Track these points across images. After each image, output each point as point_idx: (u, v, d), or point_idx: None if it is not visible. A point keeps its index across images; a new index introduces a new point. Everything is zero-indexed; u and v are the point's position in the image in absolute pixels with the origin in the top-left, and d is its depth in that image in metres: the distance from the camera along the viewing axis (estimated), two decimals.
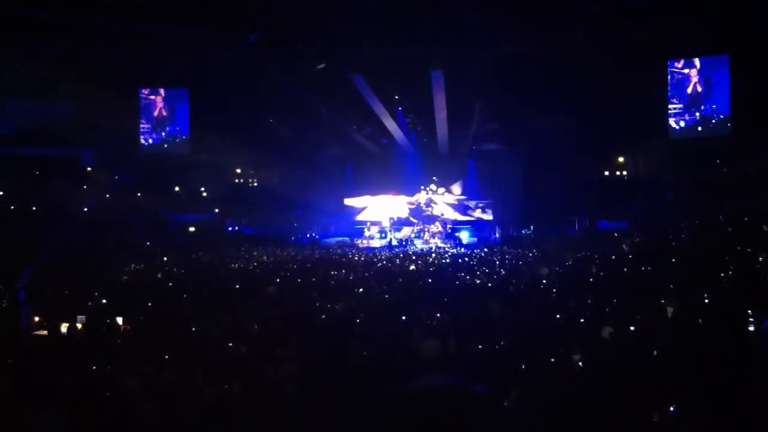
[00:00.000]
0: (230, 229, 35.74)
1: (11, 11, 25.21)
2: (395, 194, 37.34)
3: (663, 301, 10.17)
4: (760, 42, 23.89)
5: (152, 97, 36.17)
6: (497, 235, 33.19)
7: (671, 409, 6.13)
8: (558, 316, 10.76)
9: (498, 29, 26.27)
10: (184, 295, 15.05)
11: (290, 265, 22.31)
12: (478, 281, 16.96)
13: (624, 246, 20.39)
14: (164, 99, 36.07)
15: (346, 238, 34.62)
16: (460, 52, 27.97)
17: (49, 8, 25.57)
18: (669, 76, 29.45)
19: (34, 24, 26.18)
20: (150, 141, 36.43)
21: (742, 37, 25.03)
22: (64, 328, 11.47)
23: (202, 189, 36.94)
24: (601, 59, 26.73)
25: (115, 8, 25.49)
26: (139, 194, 34.28)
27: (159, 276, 19.77)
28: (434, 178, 36.98)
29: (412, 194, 37.14)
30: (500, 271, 18.46)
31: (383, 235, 34.76)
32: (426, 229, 34.46)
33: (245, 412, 7.28)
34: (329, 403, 7.03)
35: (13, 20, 25.69)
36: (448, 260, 23.18)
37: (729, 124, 28.23)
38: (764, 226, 17.19)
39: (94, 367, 8.64)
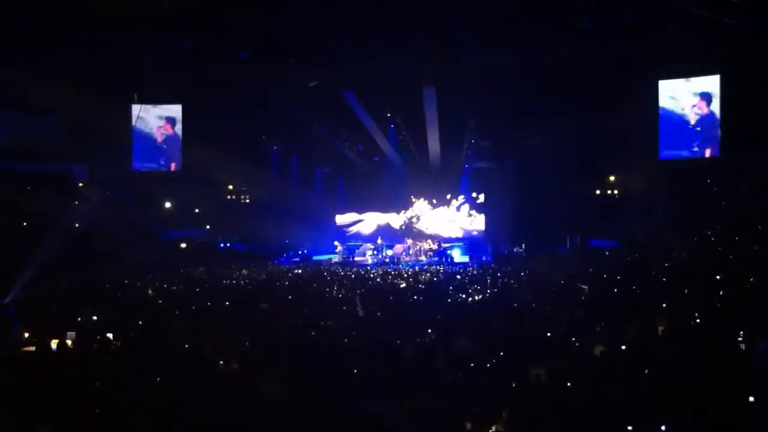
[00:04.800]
0: (222, 245, 35.69)
1: (2, 24, 25.18)
2: (386, 211, 37.43)
3: (654, 320, 10.19)
4: (749, 60, 24.07)
5: (144, 112, 36.04)
6: (489, 254, 33.26)
7: (663, 428, 6.14)
8: (549, 334, 10.77)
9: (489, 47, 26.39)
10: (176, 312, 15.01)
11: (282, 281, 22.29)
12: (469, 299, 16.97)
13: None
14: (156, 114, 35.94)
15: (338, 255, 34.58)
16: (451, 70, 28.06)
17: (41, 21, 25.54)
18: (660, 94, 29.55)
19: (24, 36, 26.14)
20: (141, 156, 36.30)
21: (732, 55, 25.20)
22: (54, 344, 11.41)
23: (194, 205, 36.92)
24: (592, 78, 26.84)
25: (107, 22, 25.49)
26: (130, 210, 34.17)
27: (150, 292, 19.71)
28: (423, 197, 37.08)
29: (403, 211, 37.22)
30: (492, 290, 18.45)
31: (375, 251, 34.78)
32: (418, 246, 34.48)
33: (236, 429, 7.26)
34: (320, 420, 7.02)
35: (3, 33, 25.66)
36: (439, 278, 23.19)
37: (719, 143, 28.32)
38: (755, 245, 17.24)
39: (85, 384, 8.59)
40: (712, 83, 28.16)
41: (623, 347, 9.13)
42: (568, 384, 7.84)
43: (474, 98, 29.30)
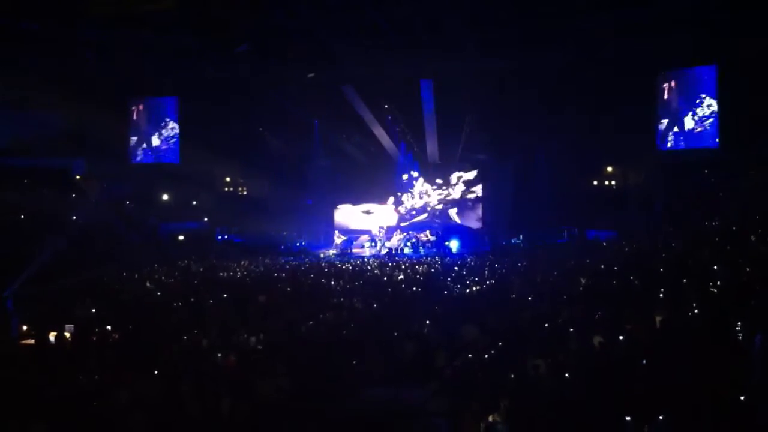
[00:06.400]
0: (220, 238, 35.68)
1: (2, 24, 25.19)
2: (384, 203, 37.45)
3: (652, 311, 10.19)
4: (747, 55, 24.05)
5: (142, 106, 36.04)
6: (487, 245, 33.27)
7: (660, 418, 6.15)
8: (547, 325, 10.78)
9: (488, 43, 26.39)
10: (174, 305, 15.01)
11: (280, 274, 22.29)
12: (467, 290, 16.99)
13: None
14: (154, 109, 35.94)
15: (336, 249, 34.56)
16: (449, 65, 28.07)
17: (39, 20, 25.53)
18: (657, 89, 29.54)
19: (23, 35, 26.15)
20: (139, 150, 36.30)
21: (730, 50, 25.17)
22: (52, 337, 11.42)
23: (192, 198, 36.93)
24: (590, 72, 26.82)
25: (105, 19, 25.45)
26: (128, 203, 34.19)
27: (148, 285, 19.71)
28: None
29: (400, 202, 37.28)
30: (490, 281, 18.46)
31: (373, 243, 34.80)
32: (416, 238, 34.49)
33: (234, 424, 7.26)
34: (318, 414, 7.03)
35: (2, 32, 25.68)
36: (437, 269, 23.20)
37: (717, 137, 28.31)
38: (752, 237, 17.26)
39: (83, 377, 8.60)
40: (709, 75, 28.15)
41: (621, 338, 9.14)
42: (567, 375, 7.86)
43: (473, 92, 29.32)
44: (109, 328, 12.06)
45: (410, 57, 27.46)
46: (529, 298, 13.96)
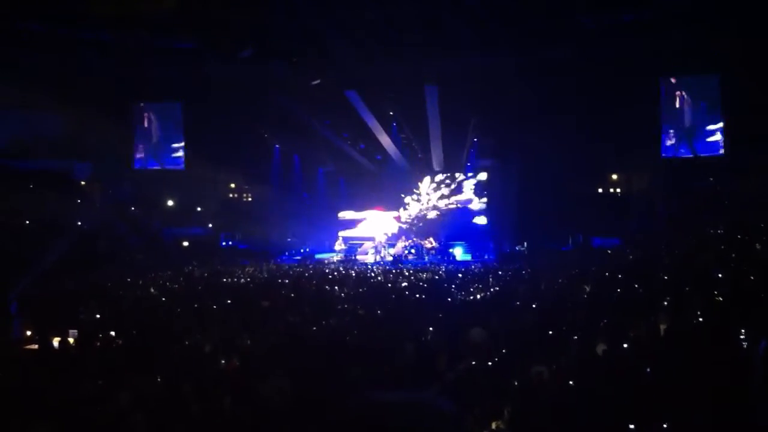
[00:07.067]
0: (224, 243, 35.71)
1: (3, 25, 25.25)
2: (383, 209, 37.33)
3: (656, 319, 10.18)
4: (751, 60, 24.02)
5: (145, 110, 36.02)
6: (491, 252, 33.23)
7: (665, 426, 6.13)
8: (550, 332, 10.76)
9: (491, 45, 26.37)
10: (178, 310, 15.02)
11: (283, 279, 22.28)
12: (471, 297, 16.96)
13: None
14: (157, 113, 35.93)
15: (340, 255, 34.51)
16: (453, 69, 28.04)
17: (41, 21, 25.59)
18: (661, 94, 29.49)
19: (25, 36, 26.21)
20: (143, 154, 36.31)
21: (734, 55, 25.13)
22: (55, 341, 11.41)
23: (196, 203, 36.96)
24: (593, 76, 26.78)
25: (108, 21, 25.50)
26: (132, 208, 34.21)
27: (152, 290, 19.72)
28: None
29: (404, 209, 37.22)
30: (494, 289, 18.44)
31: (377, 250, 34.75)
32: (420, 245, 34.45)
33: (236, 427, 7.25)
34: (319, 417, 7.02)
35: (5, 33, 25.74)
36: (441, 276, 23.17)
37: (721, 143, 28.27)
38: (756, 244, 17.22)
39: (86, 382, 8.59)
40: (712, 81, 28.13)
41: (625, 346, 9.12)
42: (570, 382, 7.84)
43: (476, 97, 29.26)
44: (113, 333, 12.06)
45: (410, 57, 27.42)
46: (533, 305, 13.94)
